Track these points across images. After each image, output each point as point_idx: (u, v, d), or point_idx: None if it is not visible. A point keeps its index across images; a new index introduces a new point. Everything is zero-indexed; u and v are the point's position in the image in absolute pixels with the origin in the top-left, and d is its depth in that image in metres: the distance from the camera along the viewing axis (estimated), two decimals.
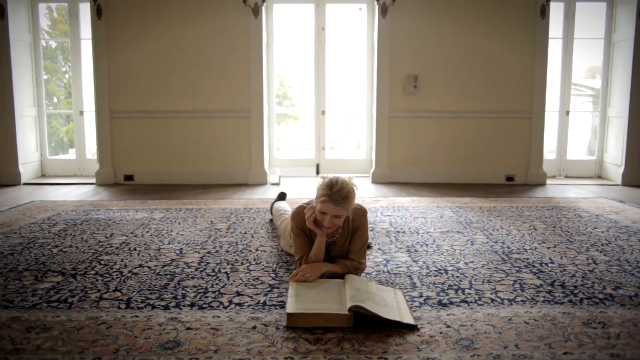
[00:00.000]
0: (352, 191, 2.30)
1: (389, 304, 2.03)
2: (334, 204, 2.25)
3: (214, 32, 5.64)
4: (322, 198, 2.25)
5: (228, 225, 3.62)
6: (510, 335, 1.82)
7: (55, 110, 6.76)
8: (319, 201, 2.28)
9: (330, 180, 2.29)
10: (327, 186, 2.27)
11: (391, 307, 2.00)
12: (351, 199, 2.29)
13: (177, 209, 4.23)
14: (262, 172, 5.84)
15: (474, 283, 2.38)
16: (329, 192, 2.25)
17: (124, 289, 2.31)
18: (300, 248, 2.46)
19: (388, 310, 1.95)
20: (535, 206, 4.32)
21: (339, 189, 2.25)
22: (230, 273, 2.55)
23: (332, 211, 2.27)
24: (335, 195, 2.24)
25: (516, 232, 3.39)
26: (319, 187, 2.32)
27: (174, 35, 5.64)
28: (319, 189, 2.31)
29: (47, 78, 6.90)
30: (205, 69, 5.68)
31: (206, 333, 1.86)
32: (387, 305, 2.01)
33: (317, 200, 2.29)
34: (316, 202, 2.31)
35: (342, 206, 2.26)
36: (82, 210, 4.18)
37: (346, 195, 2.26)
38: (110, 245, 3.07)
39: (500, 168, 5.86)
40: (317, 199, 2.29)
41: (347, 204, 2.27)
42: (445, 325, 1.91)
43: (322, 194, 2.27)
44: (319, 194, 2.29)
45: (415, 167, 5.90)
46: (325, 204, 2.26)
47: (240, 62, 5.69)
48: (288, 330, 1.88)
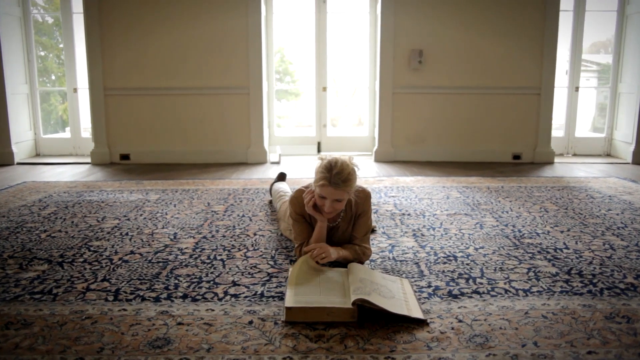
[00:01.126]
0: (353, 172, 2.14)
1: (395, 295, 1.89)
2: (334, 187, 2.09)
3: (210, 6, 5.41)
4: (321, 182, 2.09)
5: (225, 207, 3.47)
6: (528, 332, 1.68)
7: (49, 87, 6.55)
8: (317, 185, 2.12)
9: (329, 162, 2.12)
10: (326, 168, 2.11)
11: (398, 299, 1.86)
12: (352, 181, 2.13)
13: (174, 189, 4.08)
14: (262, 151, 5.68)
15: (486, 271, 2.23)
16: (327, 175, 2.09)
17: (112, 279, 2.17)
18: (300, 234, 2.32)
19: (395, 303, 1.81)
20: (544, 186, 4.16)
21: (338, 171, 2.09)
22: (226, 260, 2.40)
23: (332, 195, 2.12)
24: (334, 178, 2.08)
25: (527, 214, 3.24)
26: (317, 169, 2.16)
27: (169, 9, 5.41)
28: (317, 171, 2.15)
29: (43, 55, 6.70)
30: (202, 44, 5.47)
31: (199, 329, 1.72)
32: (394, 297, 1.87)
33: (316, 184, 2.14)
34: (315, 186, 2.15)
35: (342, 189, 2.10)
36: (75, 191, 4.03)
37: (347, 177, 2.10)
38: (101, 229, 2.92)
39: (506, 146, 5.69)
40: (316, 182, 2.14)
41: (348, 186, 2.12)
42: (456, 320, 1.77)
43: (320, 177, 2.11)
44: (318, 177, 2.13)
45: (419, 145, 5.72)
46: (325, 188, 2.10)
47: (238, 37, 5.48)
48: (287, 325, 1.74)
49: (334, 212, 2.20)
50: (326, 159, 2.16)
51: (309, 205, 2.20)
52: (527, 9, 5.45)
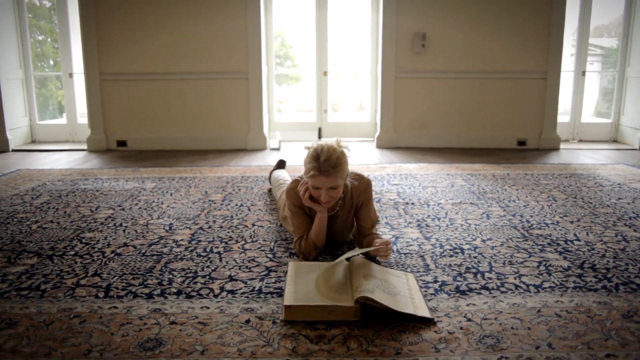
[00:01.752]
0: (343, 155, 2.05)
1: (400, 292, 1.79)
2: (325, 175, 2.00)
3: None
4: (311, 172, 2.00)
5: (223, 196, 3.37)
6: (541, 332, 1.58)
7: (45, 72, 6.42)
8: (308, 177, 2.03)
9: (315, 150, 2.03)
10: (313, 157, 2.02)
11: (403, 296, 1.76)
12: (343, 165, 2.04)
13: (170, 177, 3.98)
14: (262, 137, 5.56)
15: (494, 265, 2.13)
16: (316, 164, 2.00)
17: (104, 273, 2.08)
18: (298, 227, 2.21)
19: (400, 301, 1.71)
20: (551, 174, 4.05)
21: (326, 158, 1.99)
22: (223, 253, 2.31)
23: (325, 184, 2.02)
24: (324, 166, 1.99)
25: (534, 203, 3.13)
26: (305, 160, 2.08)
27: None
28: (305, 162, 2.07)
29: (41, 39, 6.56)
30: (200, 28, 5.32)
31: (192, 329, 1.63)
32: (399, 294, 1.77)
33: (307, 176, 2.04)
34: (306, 177, 2.06)
35: (335, 176, 2.01)
36: (70, 179, 3.93)
37: (336, 162, 2.01)
38: (94, 220, 2.82)
39: (511, 132, 5.56)
40: (306, 174, 2.05)
41: (340, 171, 2.02)
42: (465, 319, 1.67)
43: (310, 167, 2.02)
44: (307, 168, 2.04)
45: (422, 131, 5.60)
46: (316, 178, 2.01)
47: (236, 20, 5.32)
48: (286, 325, 1.65)
49: (333, 201, 2.10)
50: (312, 147, 2.07)
51: (305, 198, 2.11)
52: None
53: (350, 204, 2.22)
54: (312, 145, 2.08)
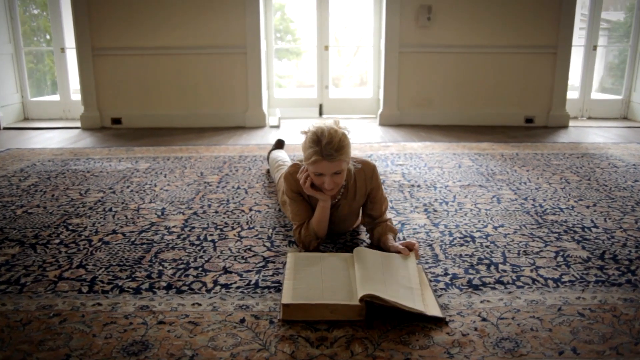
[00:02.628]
0: (345, 137, 1.88)
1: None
2: (329, 160, 1.83)
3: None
4: (313, 158, 1.83)
5: (219, 177, 3.21)
6: (564, 334, 1.44)
7: (36, 47, 6.20)
8: (309, 163, 1.86)
9: (314, 134, 1.85)
10: (313, 141, 1.84)
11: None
12: (347, 148, 1.87)
13: (165, 157, 3.82)
14: (261, 114, 5.38)
15: (508, 255, 1.99)
16: (317, 148, 1.82)
17: (89, 264, 1.94)
18: (297, 214, 2.06)
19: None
20: (562, 153, 3.88)
21: (328, 141, 1.82)
22: (217, 241, 2.16)
23: (329, 169, 1.85)
24: (326, 150, 1.81)
25: (546, 186, 2.97)
26: (303, 146, 1.90)
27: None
28: (304, 148, 1.89)
29: (36, 13, 6.34)
30: (195, 1, 5.10)
31: (182, 330, 1.49)
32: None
33: (307, 163, 1.87)
34: (306, 164, 1.89)
35: (339, 160, 1.84)
36: (61, 160, 3.77)
37: (339, 145, 1.83)
38: (83, 204, 2.68)
39: (519, 109, 5.38)
40: (307, 160, 1.87)
41: (344, 154, 1.85)
42: (480, 318, 1.53)
43: (310, 153, 1.84)
44: (307, 154, 1.86)
45: (426, 108, 5.42)
46: (319, 164, 1.84)
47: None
48: (284, 325, 1.51)
49: (337, 187, 1.94)
50: (309, 130, 1.89)
51: (307, 186, 1.94)
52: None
53: (354, 192, 2.07)
54: (309, 129, 1.91)
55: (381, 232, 2.06)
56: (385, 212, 2.11)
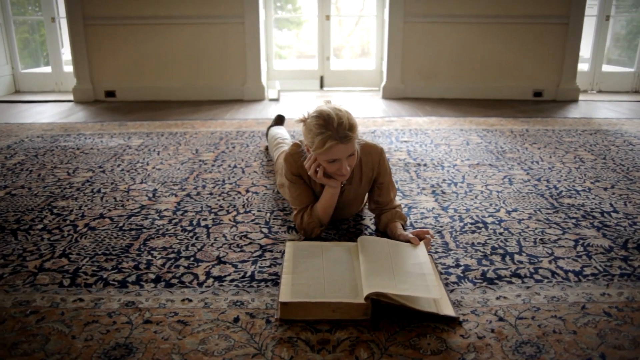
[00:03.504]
0: (350, 114, 1.73)
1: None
2: (345, 142, 1.67)
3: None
4: (328, 144, 1.66)
5: (215, 155, 3.06)
6: (590, 338, 1.31)
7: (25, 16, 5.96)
8: (324, 150, 1.68)
9: (320, 118, 1.68)
10: (322, 126, 1.67)
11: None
12: (356, 125, 1.72)
13: (159, 133, 3.65)
14: (259, 87, 5.19)
15: (524, 244, 1.85)
16: (331, 132, 1.66)
17: (73, 253, 1.80)
18: (297, 198, 1.91)
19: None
20: (574, 129, 3.71)
21: (339, 123, 1.67)
22: (211, 227, 2.02)
23: (345, 152, 1.70)
24: (340, 132, 1.66)
25: (560, 165, 2.82)
26: (309, 133, 1.72)
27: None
28: (311, 134, 1.71)
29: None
30: None
31: (170, 330, 1.36)
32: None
33: (321, 150, 1.69)
34: (316, 152, 1.72)
35: (352, 139, 1.70)
36: (50, 135, 3.61)
37: (350, 123, 1.69)
38: (70, 185, 2.53)
39: (527, 82, 5.17)
40: (318, 148, 1.69)
41: (356, 132, 1.71)
42: (496, 318, 1.40)
43: (322, 139, 1.67)
44: (318, 141, 1.68)
45: (431, 81, 5.22)
46: (335, 149, 1.67)
47: None
48: (282, 325, 1.38)
49: (351, 171, 1.79)
50: (310, 116, 1.73)
51: (320, 176, 1.78)
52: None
53: (359, 177, 1.91)
54: (307, 116, 1.75)
55: (389, 219, 1.91)
56: (394, 199, 1.96)
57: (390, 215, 1.92)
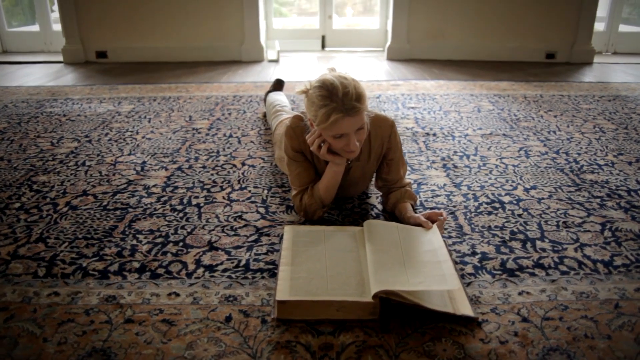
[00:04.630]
0: (357, 82, 1.51)
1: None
2: (352, 115, 1.47)
3: None
4: (333, 117, 1.45)
5: (210, 123, 2.87)
6: (627, 344, 1.16)
7: None
8: (328, 124, 1.47)
9: (322, 88, 1.47)
10: (326, 97, 1.46)
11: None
12: (364, 94, 1.50)
13: (152, 97, 3.45)
14: (258, 47, 4.93)
15: (546, 228, 1.68)
16: (336, 104, 1.45)
17: (51, 237, 1.64)
18: (298, 177, 1.73)
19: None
20: (591, 95, 3.50)
21: (344, 92, 1.45)
22: (203, 206, 1.86)
23: (353, 126, 1.49)
24: (346, 103, 1.45)
25: (579, 135, 2.63)
26: (312, 105, 1.51)
27: None
28: (314, 107, 1.50)
29: None
30: None
31: (154, 332, 1.21)
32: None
33: (325, 124, 1.49)
34: (320, 127, 1.52)
35: (361, 110, 1.48)
36: (36, 100, 3.40)
37: (357, 93, 1.47)
38: (53, 157, 2.35)
39: (539, 42, 4.90)
40: (322, 123, 1.49)
41: (364, 102, 1.50)
42: (520, 318, 1.25)
43: (326, 112, 1.46)
44: (321, 115, 1.47)
45: (438, 41, 4.95)
46: (341, 122, 1.47)
47: None
48: (279, 326, 1.23)
49: (360, 146, 1.60)
50: (313, 86, 1.51)
51: (323, 152, 1.59)
52: None
53: (368, 153, 1.73)
54: (309, 86, 1.54)
55: (398, 198, 1.74)
56: (403, 177, 1.79)
57: (398, 195, 1.75)
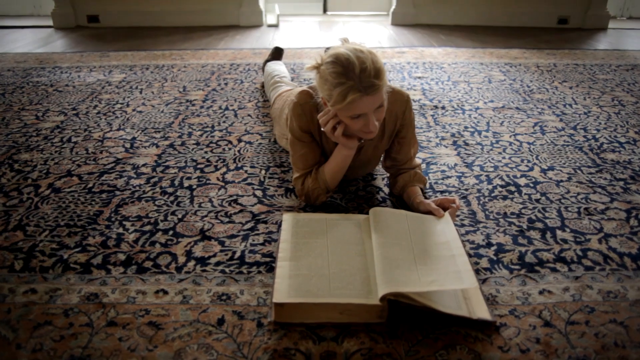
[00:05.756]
0: (376, 56, 1.32)
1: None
2: (371, 93, 1.29)
3: None
4: (350, 97, 1.28)
5: (205, 94, 2.71)
6: None
7: None
8: (345, 105, 1.30)
9: (336, 64, 1.29)
10: (340, 75, 1.29)
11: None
12: (383, 68, 1.32)
13: (144, 65, 3.27)
14: (257, 11, 4.71)
15: (566, 216, 1.55)
16: (353, 82, 1.27)
17: (31, 225, 1.52)
18: (302, 159, 1.58)
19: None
20: (607, 64, 3.32)
21: (362, 69, 1.27)
22: (195, 188, 1.72)
23: (372, 105, 1.32)
24: (364, 81, 1.27)
25: (596, 109, 2.48)
26: (325, 83, 1.33)
27: None
28: (328, 85, 1.32)
29: None
30: None
31: (139, 336, 1.10)
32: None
33: (341, 105, 1.31)
34: (335, 106, 1.34)
35: (380, 88, 1.31)
36: (23, 69, 3.23)
37: (376, 69, 1.29)
38: (37, 132, 2.21)
39: (551, 7, 4.68)
40: (339, 102, 1.31)
41: (383, 78, 1.31)
42: (542, 322, 1.13)
43: (342, 92, 1.29)
44: (338, 94, 1.30)
45: (445, 5, 4.72)
46: (359, 103, 1.30)
47: None
48: (277, 330, 1.11)
49: (379, 126, 1.44)
50: (325, 61, 1.33)
51: (338, 135, 1.43)
52: None
53: (382, 130, 1.58)
54: (320, 60, 1.36)
55: (407, 181, 1.61)
56: (414, 157, 1.65)
57: (407, 177, 1.61)
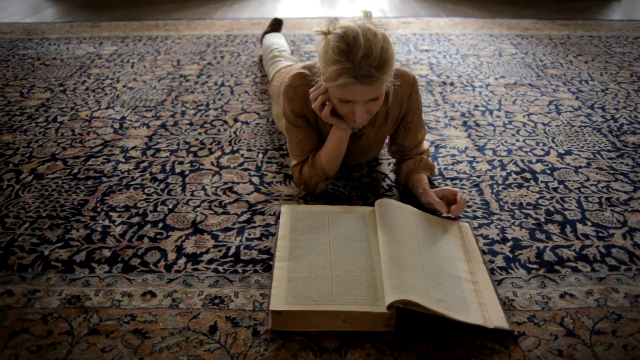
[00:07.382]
0: (387, 44, 1.18)
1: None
2: (366, 83, 1.16)
3: None
4: (341, 79, 1.16)
5: (200, 68, 2.57)
6: None
7: None
8: (335, 85, 1.19)
9: (342, 39, 1.16)
10: (340, 52, 1.16)
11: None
12: (390, 61, 1.18)
13: (137, 37, 3.12)
14: None
15: (587, 207, 1.44)
16: (348, 64, 1.15)
17: (10, 216, 1.41)
18: (299, 145, 1.47)
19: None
20: (623, 36, 3.15)
21: (365, 54, 1.14)
22: (188, 174, 1.61)
23: (364, 95, 1.20)
24: (362, 68, 1.15)
25: (615, 86, 2.34)
26: (325, 54, 1.20)
27: None
28: (327, 57, 1.19)
29: None
30: None
31: (123, 347, 1.00)
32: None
33: (333, 84, 1.19)
34: (326, 82, 1.23)
35: (379, 81, 1.18)
36: (9, 40, 3.08)
37: (380, 59, 1.15)
38: (21, 110, 2.08)
39: None
40: (331, 79, 1.19)
41: (387, 72, 1.18)
42: (564, 331, 1.03)
43: (336, 71, 1.16)
44: (331, 72, 1.18)
45: None
46: (349, 88, 1.19)
47: None
48: (274, 340, 1.02)
49: (369, 118, 1.33)
50: (334, 32, 1.19)
51: (325, 113, 1.32)
52: None
53: (385, 115, 1.46)
54: (329, 28, 1.21)
55: (411, 168, 1.49)
56: (421, 143, 1.53)
57: (412, 164, 1.50)
